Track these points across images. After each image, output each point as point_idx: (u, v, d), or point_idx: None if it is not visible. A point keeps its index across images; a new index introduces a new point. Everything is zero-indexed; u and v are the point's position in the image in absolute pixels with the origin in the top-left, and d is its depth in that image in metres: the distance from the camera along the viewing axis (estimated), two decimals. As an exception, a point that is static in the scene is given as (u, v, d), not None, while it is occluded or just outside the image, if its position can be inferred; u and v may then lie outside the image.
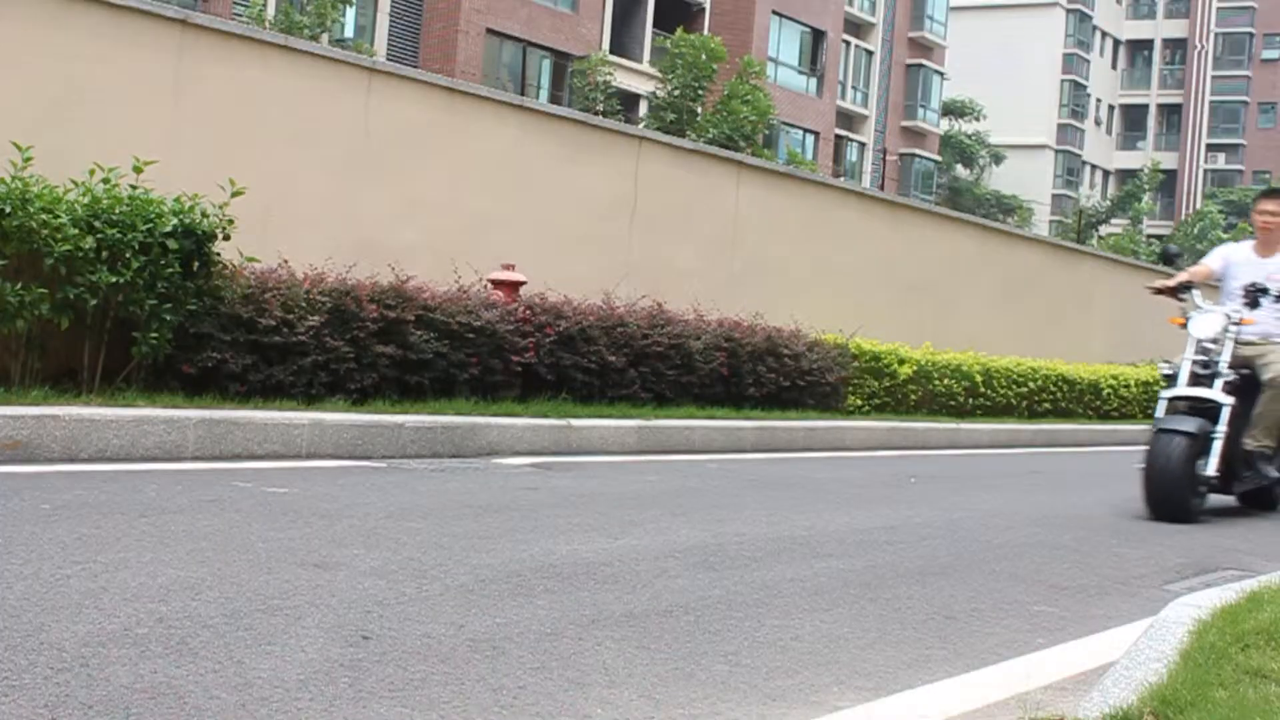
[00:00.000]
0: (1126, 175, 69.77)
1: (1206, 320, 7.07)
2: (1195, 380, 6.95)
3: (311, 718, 2.37)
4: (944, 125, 59.87)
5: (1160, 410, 7.01)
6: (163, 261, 6.28)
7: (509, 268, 8.75)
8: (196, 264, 6.50)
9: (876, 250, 14.00)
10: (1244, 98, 75.88)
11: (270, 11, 28.01)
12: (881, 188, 47.50)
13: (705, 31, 37.55)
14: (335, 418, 6.49)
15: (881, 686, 2.95)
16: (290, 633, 2.91)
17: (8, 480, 4.74)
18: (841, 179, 34.54)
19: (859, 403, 11.34)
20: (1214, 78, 75.87)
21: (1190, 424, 6.68)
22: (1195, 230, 58.54)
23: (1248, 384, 7.13)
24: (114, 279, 6.10)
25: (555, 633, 3.14)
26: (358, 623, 3.06)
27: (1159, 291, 7.47)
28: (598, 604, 3.50)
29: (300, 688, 2.53)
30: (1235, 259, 7.56)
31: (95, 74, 7.59)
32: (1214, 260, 7.74)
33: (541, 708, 2.56)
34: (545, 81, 35.98)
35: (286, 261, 7.29)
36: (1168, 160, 73.19)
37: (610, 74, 33.93)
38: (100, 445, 5.54)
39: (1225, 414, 6.80)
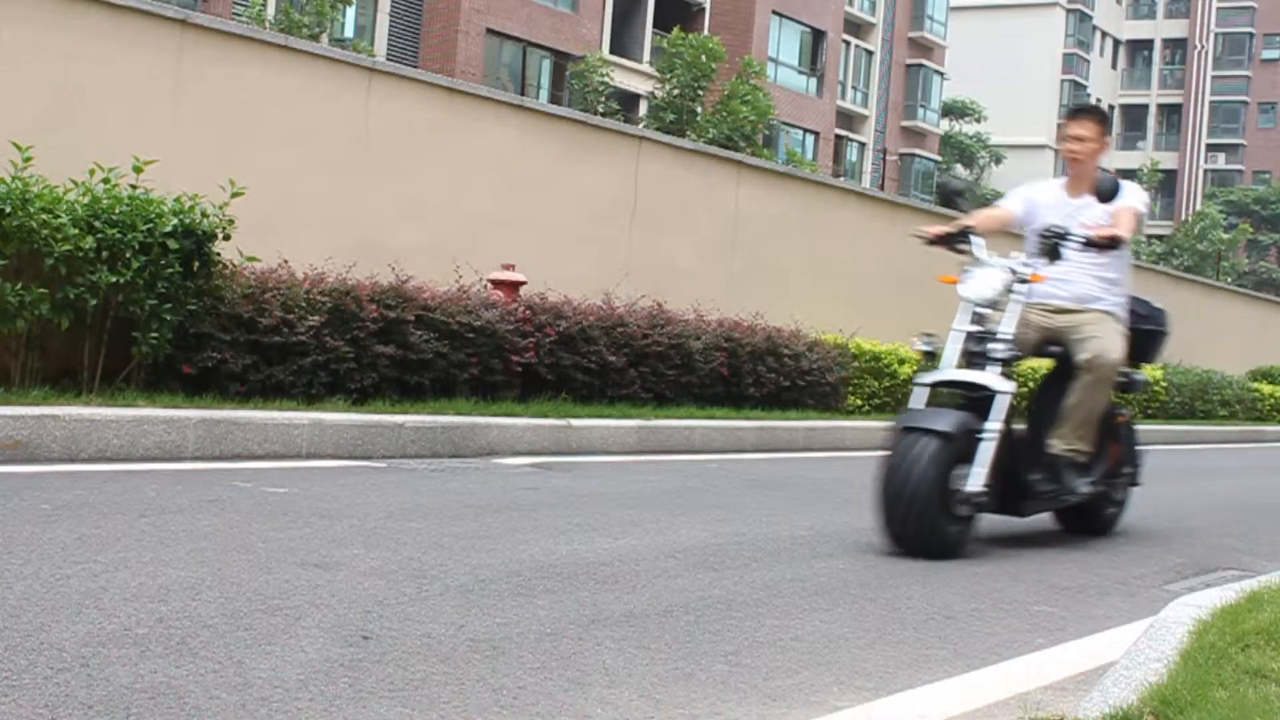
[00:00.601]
0: (1126, 175, 69.76)
1: (982, 278, 5.24)
2: (968, 360, 5.14)
3: (311, 718, 2.37)
4: (944, 125, 59.87)
5: (915, 400, 5.15)
6: (163, 261, 6.28)
7: (509, 268, 8.75)
8: (196, 264, 6.50)
9: (876, 250, 14.00)
10: (1244, 98, 75.87)
11: (270, 11, 28.01)
12: (881, 188, 47.50)
13: (705, 31, 37.56)
14: (335, 418, 6.49)
15: (881, 686, 2.95)
16: (290, 633, 2.91)
17: (8, 480, 4.74)
18: (841, 179, 34.54)
19: (859, 403, 11.35)
20: (1214, 78, 75.86)
21: (945, 420, 4.83)
22: (1196, 230, 58.54)
23: (1064, 366, 5.68)
24: (114, 279, 6.10)
25: (555, 633, 3.14)
26: (358, 623, 3.06)
27: (933, 241, 5.60)
28: (598, 604, 3.50)
29: (300, 688, 2.53)
30: (1041, 200, 5.85)
31: (95, 74, 7.59)
32: (1014, 202, 5.97)
33: (541, 708, 2.56)
34: (545, 81, 35.98)
35: (286, 261, 7.29)
36: (1168, 160, 73.22)
37: (607, 74, 33.91)
38: (100, 445, 5.54)
39: (999, 405, 4.98)
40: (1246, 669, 2.76)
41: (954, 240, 5.56)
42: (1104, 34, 74.74)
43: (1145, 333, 5.96)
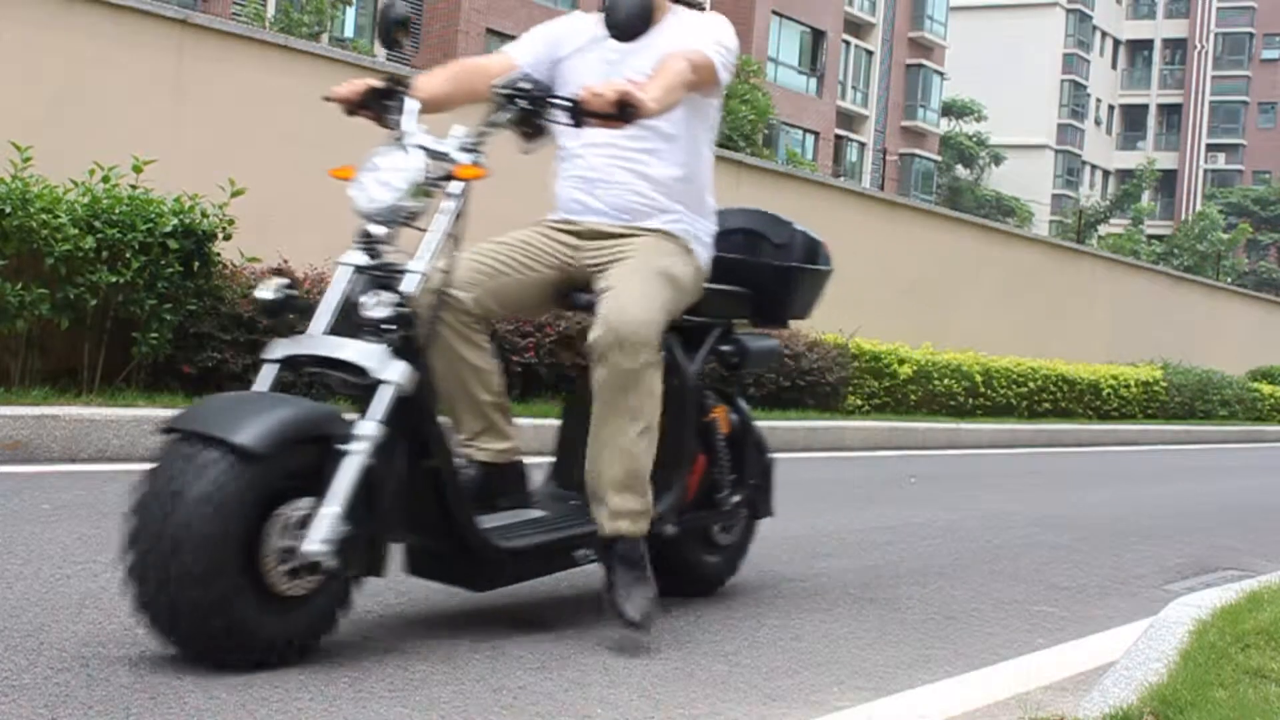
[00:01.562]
0: (1126, 175, 69.79)
1: (386, 169, 3.15)
2: (350, 320, 3.11)
3: (311, 718, 2.37)
4: (944, 125, 59.88)
5: (259, 385, 3.02)
6: (163, 261, 6.28)
7: (509, 268, 8.75)
8: (196, 264, 6.50)
9: (876, 250, 14.00)
10: (1244, 98, 75.89)
11: (270, 11, 28.03)
12: (881, 188, 47.51)
13: (705, 31, 37.53)
14: (335, 418, 6.48)
15: (881, 686, 2.95)
16: (290, 633, 2.90)
17: (8, 480, 4.73)
18: (841, 179, 34.53)
19: (859, 403, 11.34)
20: (1214, 78, 75.88)
21: (253, 423, 2.66)
22: (1196, 230, 58.54)
23: None
24: (114, 279, 6.10)
25: (555, 633, 3.14)
26: (358, 623, 3.06)
27: (352, 108, 3.36)
28: (598, 604, 3.50)
29: (300, 688, 2.53)
30: (569, 40, 3.51)
31: (95, 74, 7.59)
32: (527, 45, 3.54)
33: (541, 708, 2.56)
34: (545, 81, 35.97)
35: (286, 261, 7.29)
36: (1168, 160, 73.24)
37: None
38: (100, 445, 5.54)
39: (379, 400, 2.86)
40: (1246, 669, 2.76)
41: (381, 103, 3.26)
42: (1104, 34, 74.73)
43: (778, 271, 3.79)
